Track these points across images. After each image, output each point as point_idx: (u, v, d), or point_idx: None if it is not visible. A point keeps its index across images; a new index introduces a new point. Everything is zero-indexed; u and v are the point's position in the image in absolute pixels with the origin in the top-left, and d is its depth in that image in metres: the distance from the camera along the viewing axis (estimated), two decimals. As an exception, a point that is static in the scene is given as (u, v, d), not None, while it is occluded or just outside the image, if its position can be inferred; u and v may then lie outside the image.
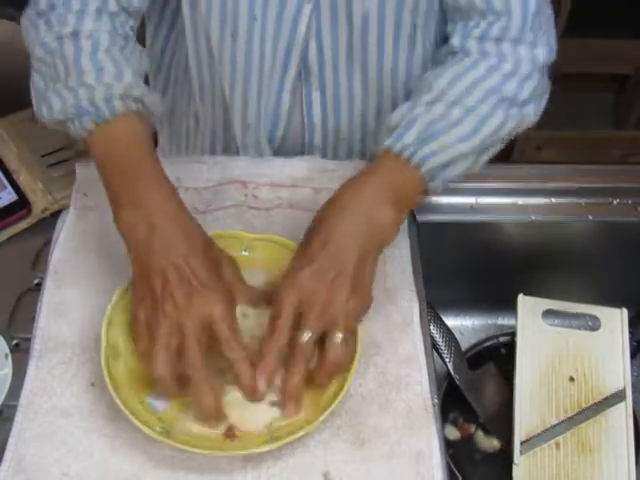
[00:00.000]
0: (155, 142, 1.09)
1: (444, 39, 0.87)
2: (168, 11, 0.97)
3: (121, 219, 0.71)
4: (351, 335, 0.72)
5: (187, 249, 0.70)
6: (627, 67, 2.09)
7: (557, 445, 0.84)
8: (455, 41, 0.82)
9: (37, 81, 0.77)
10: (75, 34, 0.75)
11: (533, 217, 1.00)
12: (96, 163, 0.75)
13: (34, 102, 0.77)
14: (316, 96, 0.94)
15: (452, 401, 0.93)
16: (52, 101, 0.75)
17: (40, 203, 0.90)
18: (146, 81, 0.81)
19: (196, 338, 0.67)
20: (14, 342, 0.79)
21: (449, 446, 0.75)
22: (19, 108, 0.98)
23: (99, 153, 0.75)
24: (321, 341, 0.71)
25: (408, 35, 0.88)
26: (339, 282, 0.70)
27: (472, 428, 0.95)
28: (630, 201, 1.01)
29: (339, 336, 0.70)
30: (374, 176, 0.76)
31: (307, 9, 0.85)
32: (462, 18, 0.83)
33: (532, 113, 0.82)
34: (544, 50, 0.81)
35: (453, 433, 0.96)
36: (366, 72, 0.92)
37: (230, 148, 1.03)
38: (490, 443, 0.94)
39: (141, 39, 0.90)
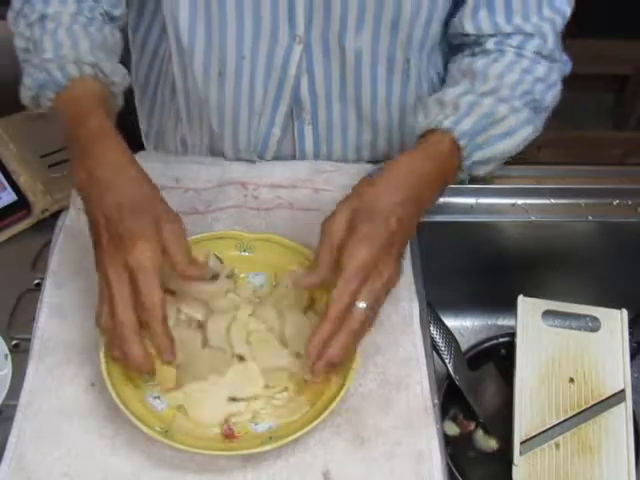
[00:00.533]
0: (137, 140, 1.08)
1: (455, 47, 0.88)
2: (151, 38, 0.96)
3: (73, 174, 0.72)
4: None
5: (120, 197, 0.68)
6: (627, 67, 2.10)
7: (557, 446, 0.83)
8: (490, 45, 0.82)
9: (22, 68, 0.80)
10: (42, 18, 0.79)
11: (533, 218, 1.00)
12: (58, 126, 0.76)
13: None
14: (308, 130, 0.94)
15: (453, 398, 0.93)
16: (24, 80, 0.79)
17: (40, 204, 0.90)
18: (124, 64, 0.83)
19: (121, 287, 0.66)
20: (14, 342, 0.79)
21: (447, 444, 0.75)
22: (19, 108, 0.98)
23: (59, 116, 0.77)
24: None
25: (402, 70, 0.87)
26: (388, 258, 0.69)
27: (472, 425, 0.95)
28: (630, 202, 1.00)
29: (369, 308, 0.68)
30: (432, 159, 0.75)
31: (298, 49, 0.84)
32: (491, 37, 0.83)
33: (540, 124, 0.84)
34: (567, 64, 0.85)
35: (452, 429, 0.96)
36: (360, 105, 0.91)
37: None
38: (490, 442, 0.94)
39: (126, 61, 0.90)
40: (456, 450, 0.94)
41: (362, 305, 0.67)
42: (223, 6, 0.81)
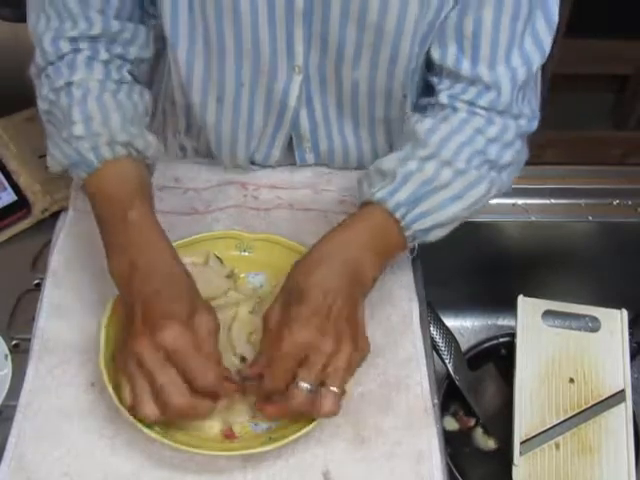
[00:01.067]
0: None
1: (426, 86, 0.84)
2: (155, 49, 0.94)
3: (110, 267, 0.71)
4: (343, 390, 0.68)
5: (158, 286, 0.68)
6: (627, 67, 2.09)
7: (557, 446, 0.84)
8: (443, 98, 0.79)
9: (47, 131, 0.79)
10: (68, 85, 0.77)
11: (533, 218, 1.00)
12: (93, 212, 0.76)
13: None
14: (310, 157, 0.94)
15: (453, 396, 0.93)
16: (53, 152, 0.78)
17: (40, 204, 0.90)
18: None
19: (161, 370, 0.64)
20: (14, 342, 0.79)
21: (447, 441, 0.75)
22: (19, 108, 0.98)
23: (91, 201, 0.76)
24: None
25: (399, 102, 0.86)
26: (339, 336, 0.67)
27: (472, 422, 0.95)
28: (630, 202, 1.01)
29: (334, 390, 0.67)
30: (363, 229, 0.74)
31: (297, 80, 0.83)
32: (448, 77, 0.79)
33: (507, 180, 0.80)
34: (527, 120, 0.80)
35: (452, 424, 0.96)
36: (357, 125, 0.91)
37: None
38: (488, 442, 0.94)
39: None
40: (454, 448, 0.94)
41: (303, 385, 0.66)
42: (222, 38, 0.80)
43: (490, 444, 0.94)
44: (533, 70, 0.77)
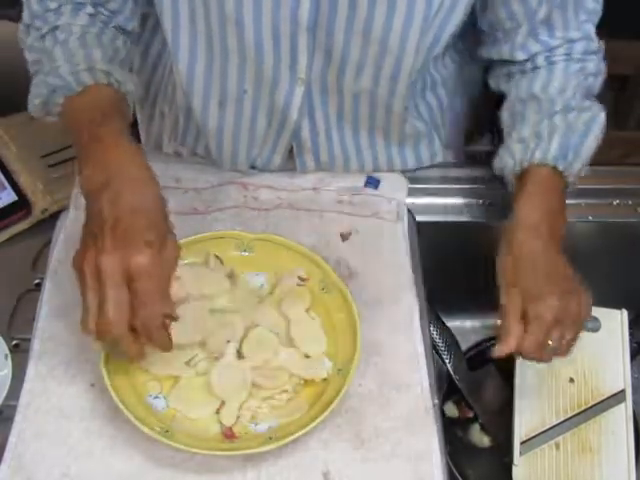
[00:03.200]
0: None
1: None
2: (152, 51, 0.95)
3: (82, 176, 0.70)
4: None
5: (133, 202, 0.67)
6: (627, 67, 2.09)
7: (557, 446, 0.83)
8: (540, 61, 0.86)
9: (33, 81, 0.79)
10: (53, 30, 0.78)
11: (533, 217, 1.00)
12: (68, 131, 0.75)
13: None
14: (311, 165, 0.95)
15: (455, 392, 0.93)
16: (33, 90, 0.77)
17: (40, 204, 0.90)
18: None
19: (114, 292, 0.63)
20: (14, 342, 0.79)
21: (445, 427, 0.75)
22: (19, 108, 0.98)
23: (67, 123, 0.75)
24: None
25: (399, 115, 0.88)
26: (570, 295, 0.77)
27: (471, 413, 0.95)
28: (630, 202, 1.00)
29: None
30: (546, 193, 0.81)
31: (300, 91, 0.84)
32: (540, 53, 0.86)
33: (603, 116, 0.88)
34: (601, 50, 0.89)
35: (452, 411, 0.96)
36: (358, 136, 0.92)
37: None
38: (483, 439, 0.94)
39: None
40: (451, 444, 0.94)
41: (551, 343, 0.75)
42: (225, 46, 0.80)
43: (485, 441, 0.94)
44: (600, 14, 0.86)
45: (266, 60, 0.80)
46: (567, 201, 0.99)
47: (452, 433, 0.95)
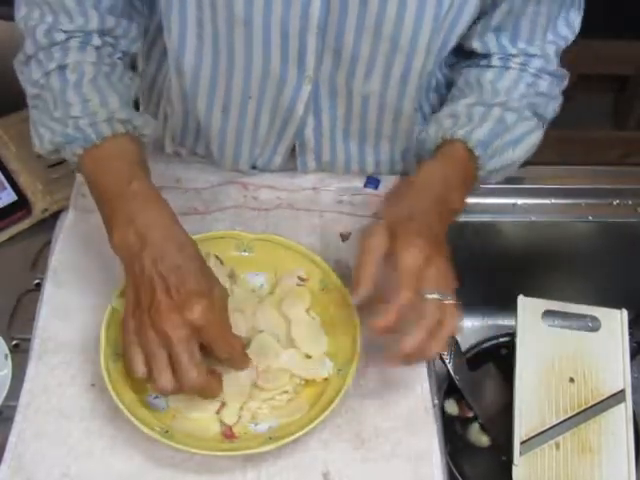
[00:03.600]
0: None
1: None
2: (156, 52, 0.94)
3: (114, 238, 0.70)
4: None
5: (177, 260, 0.68)
6: (627, 67, 2.09)
7: (557, 446, 0.84)
8: (495, 61, 0.85)
9: (32, 115, 0.78)
10: (61, 68, 0.76)
11: (533, 218, 1.00)
12: (88, 186, 0.75)
13: (31, 135, 0.79)
14: (312, 165, 0.94)
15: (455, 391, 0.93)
16: (41, 132, 0.76)
17: (40, 204, 0.90)
18: (137, 106, 0.82)
19: (184, 347, 0.66)
20: (14, 342, 0.79)
21: (445, 424, 0.75)
22: (19, 108, 0.98)
23: (89, 176, 0.75)
24: None
25: (408, 117, 0.88)
26: (442, 251, 0.71)
27: (471, 413, 0.95)
28: (630, 202, 1.01)
29: (451, 301, 0.70)
30: (453, 165, 0.78)
31: (306, 90, 0.83)
32: (497, 54, 0.86)
33: (540, 137, 0.86)
34: (565, 78, 0.87)
35: (452, 408, 0.96)
36: (364, 140, 0.91)
37: None
38: (482, 439, 0.94)
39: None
40: (454, 446, 0.94)
41: (432, 296, 0.68)
42: (231, 48, 0.80)
43: (484, 441, 0.94)
44: (569, 41, 0.86)
45: (273, 60, 0.80)
46: (567, 201, 0.99)
47: (452, 432, 0.95)
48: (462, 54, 0.88)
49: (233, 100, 0.85)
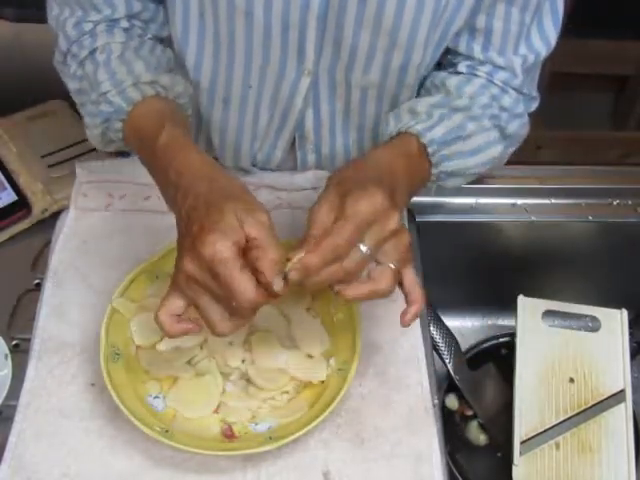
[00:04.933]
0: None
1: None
2: None
3: (165, 199, 0.68)
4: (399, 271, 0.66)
5: (205, 190, 0.64)
6: (627, 67, 2.09)
7: (557, 445, 0.84)
8: (462, 67, 0.83)
9: (81, 111, 0.78)
10: (92, 53, 0.77)
11: (533, 218, 1.00)
12: (140, 160, 0.73)
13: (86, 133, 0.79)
14: (311, 157, 0.94)
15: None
16: (87, 122, 0.76)
17: (40, 204, 0.90)
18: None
19: (234, 261, 0.60)
20: (14, 342, 0.79)
21: (444, 418, 0.75)
22: (19, 108, 0.98)
23: (132, 146, 0.75)
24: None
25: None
26: (391, 210, 0.64)
27: (470, 411, 0.95)
28: (630, 202, 1.01)
29: (391, 267, 0.65)
30: (401, 156, 0.74)
31: (305, 81, 0.83)
32: (463, 57, 0.83)
33: (507, 150, 0.84)
34: (533, 100, 0.85)
35: (453, 403, 0.97)
36: (362, 133, 0.91)
37: None
38: (480, 437, 0.95)
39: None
40: (453, 446, 0.94)
41: (362, 247, 0.63)
42: (232, 38, 0.80)
43: (482, 439, 0.94)
44: (542, 56, 0.82)
45: (273, 52, 0.80)
46: (567, 201, 0.99)
47: (452, 429, 0.95)
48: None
49: (234, 91, 0.86)
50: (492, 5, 0.78)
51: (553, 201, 1.00)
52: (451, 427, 0.96)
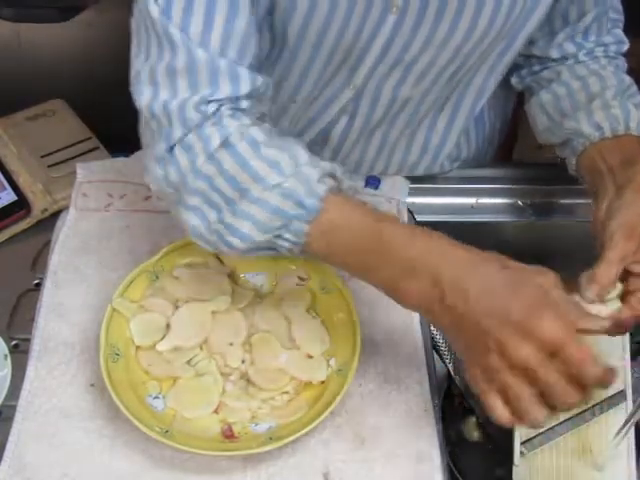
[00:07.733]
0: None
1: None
2: None
3: (403, 295, 0.61)
4: None
5: (486, 283, 0.60)
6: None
7: (557, 446, 0.83)
8: (582, 57, 0.88)
9: (199, 219, 0.65)
10: (225, 142, 0.64)
11: (533, 218, 1.00)
12: (328, 260, 0.67)
13: (202, 244, 0.67)
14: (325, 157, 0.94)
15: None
16: (238, 227, 0.63)
17: (40, 204, 0.90)
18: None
19: (547, 370, 0.59)
20: (14, 342, 0.79)
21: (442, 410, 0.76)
22: (19, 108, 0.98)
23: (326, 249, 0.64)
24: None
25: (449, 113, 0.89)
26: None
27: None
28: (630, 202, 1.00)
29: None
30: None
31: (347, 95, 0.82)
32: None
33: None
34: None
35: (456, 389, 0.97)
36: (385, 140, 0.90)
37: None
38: (473, 433, 0.94)
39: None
40: (454, 447, 0.94)
41: None
42: (295, 56, 0.79)
43: (475, 436, 0.94)
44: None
45: (327, 72, 0.80)
46: (568, 201, 0.99)
47: (451, 429, 0.95)
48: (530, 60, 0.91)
49: (278, 102, 0.84)
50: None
51: (553, 201, 1.00)
52: (452, 428, 0.95)
